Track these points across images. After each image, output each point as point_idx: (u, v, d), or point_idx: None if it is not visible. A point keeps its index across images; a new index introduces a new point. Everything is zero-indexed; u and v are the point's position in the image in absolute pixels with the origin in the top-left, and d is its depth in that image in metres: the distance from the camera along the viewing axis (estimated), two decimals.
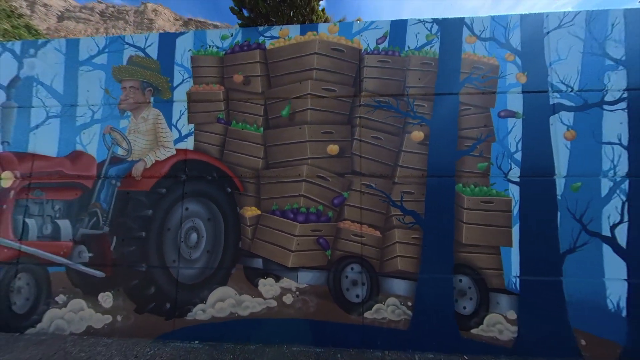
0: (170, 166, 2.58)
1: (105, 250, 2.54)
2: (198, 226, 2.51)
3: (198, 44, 2.70)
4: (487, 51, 2.45)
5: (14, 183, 2.70)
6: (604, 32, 2.38)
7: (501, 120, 2.38)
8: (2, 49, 2.92)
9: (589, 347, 2.13)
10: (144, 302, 2.44)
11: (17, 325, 2.52)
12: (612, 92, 2.32)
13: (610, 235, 2.20)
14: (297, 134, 2.51)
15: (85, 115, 2.74)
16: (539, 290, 2.19)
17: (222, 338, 2.33)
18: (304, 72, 2.54)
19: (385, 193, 2.39)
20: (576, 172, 2.28)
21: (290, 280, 2.38)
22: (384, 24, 2.55)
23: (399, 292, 2.30)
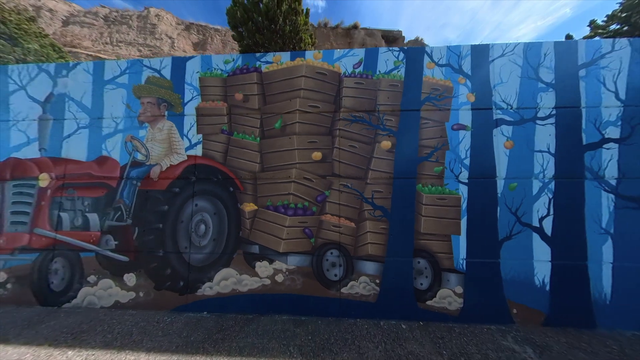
0: (182, 169, 3.10)
1: (128, 239, 3.07)
2: (206, 219, 3.04)
3: (205, 66, 3.22)
4: (444, 75, 2.98)
5: (50, 183, 3.23)
6: (537, 60, 2.91)
7: (454, 132, 2.91)
8: (38, 70, 3.44)
9: (519, 314, 2.66)
10: (162, 281, 2.97)
11: (55, 301, 3.05)
12: (543, 109, 2.85)
13: (538, 226, 2.74)
14: (288, 143, 3.04)
15: (109, 126, 3.27)
16: (481, 269, 2.73)
17: (226, 309, 2.86)
18: (294, 92, 3.07)
19: (359, 192, 2.92)
20: (513, 175, 2.81)
21: (281, 262, 2.91)
22: (360, 52, 3.08)
23: (369, 272, 2.83)
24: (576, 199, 2.73)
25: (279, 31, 2.85)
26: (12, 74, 3.44)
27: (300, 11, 3.11)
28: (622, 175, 2.72)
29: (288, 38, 2.99)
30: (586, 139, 2.79)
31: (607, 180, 2.73)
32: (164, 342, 2.34)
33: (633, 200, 2.68)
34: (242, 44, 3.26)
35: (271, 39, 2.96)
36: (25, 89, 3.41)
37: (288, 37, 2.97)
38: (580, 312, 2.61)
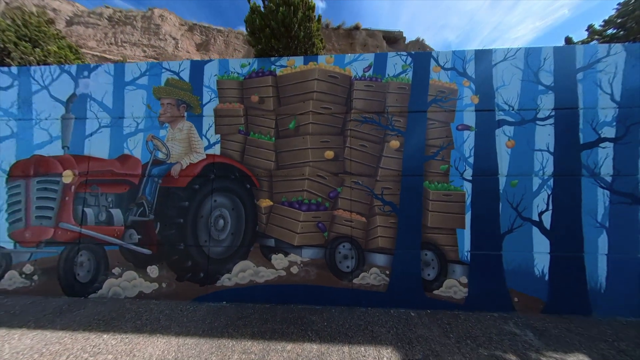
0: (201, 167, 3.27)
1: (151, 233, 3.23)
2: (224, 214, 3.21)
3: (222, 70, 3.38)
4: (449, 78, 3.15)
5: (74, 179, 3.39)
6: (537, 64, 3.09)
7: (459, 132, 3.08)
8: (60, 71, 3.59)
9: (520, 302, 2.85)
10: (183, 273, 3.14)
11: (82, 291, 3.21)
12: (543, 110, 3.04)
13: (538, 220, 2.92)
14: (301, 143, 3.21)
15: (130, 125, 3.43)
16: (484, 261, 2.91)
17: (244, 299, 3.03)
18: (307, 94, 3.24)
19: (370, 188, 3.10)
20: (514, 172, 2.99)
21: (296, 255, 3.08)
22: (370, 57, 3.25)
23: (380, 264, 3.00)
24: (573, 195, 2.91)
25: (294, 37, 3.02)
26: (34, 75, 3.59)
27: (313, 17, 3.28)
28: (617, 173, 2.90)
29: (302, 43, 3.16)
30: (583, 138, 2.97)
31: (602, 177, 2.91)
32: (190, 327, 2.51)
33: (627, 196, 2.87)
34: (257, 49, 3.42)
35: (286, 44, 3.13)
36: (48, 89, 3.56)
37: (302, 42, 3.13)
38: (577, 300, 2.80)
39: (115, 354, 2.11)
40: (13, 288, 3.27)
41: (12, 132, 3.53)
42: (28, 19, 3.95)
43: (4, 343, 2.26)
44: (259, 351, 2.14)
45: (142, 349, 2.17)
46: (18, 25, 3.83)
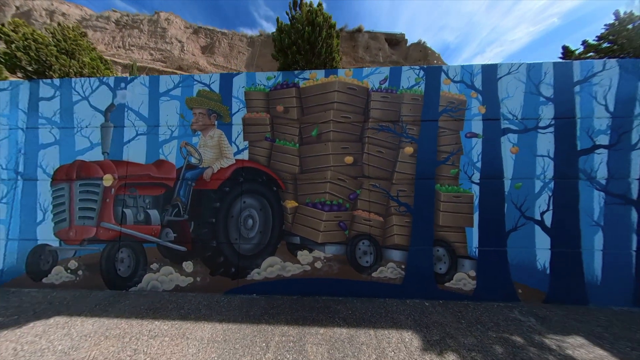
0: (231, 171, 3.57)
1: (185, 231, 3.54)
2: (253, 214, 3.51)
3: (249, 82, 3.69)
4: (458, 90, 3.46)
5: (114, 183, 3.69)
6: (539, 77, 3.39)
7: (467, 140, 3.39)
8: (99, 83, 3.90)
9: (524, 293, 3.15)
10: (216, 268, 3.44)
11: (122, 285, 3.51)
12: (543, 120, 3.34)
13: (540, 219, 3.22)
14: (323, 149, 3.51)
15: (165, 133, 3.73)
16: (490, 256, 3.21)
17: (272, 292, 3.34)
18: (328, 104, 3.55)
19: (386, 190, 3.40)
20: (518, 176, 3.30)
21: (319, 251, 3.39)
22: (385, 70, 3.56)
23: (396, 259, 3.31)
24: (572, 196, 3.21)
25: (317, 53, 3.32)
26: (75, 86, 3.90)
27: (334, 35, 3.59)
28: (611, 176, 3.21)
29: (323, 58, 3.46)
30: (580, 145, 3.27)
31: (598, 180, 3.22)
32: (229, 315, 2.81)
33: (620, 197, 3.17)
34: (281, 62, 3.73)
35: (309, 58, 3.43)
36: (88, 99, 3.87)
37: (324, 57, 3.44)
38: (575, 291, 3.10)
39: (171, 336, 2.41)
40: (60, 282, 3.58)
41: (55, 139, 3.84)
42: (67, 34, 4.26)
43: (70, 328, 2.56)
44: (296, 334, 2.44)
45: (193, 332, 2.48)
46: (58, 39, 4.14)
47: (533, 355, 2.16)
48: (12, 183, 3.81)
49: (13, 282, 3.63)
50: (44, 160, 3.81)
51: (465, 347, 2.26)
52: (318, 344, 2.30)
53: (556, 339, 2.39)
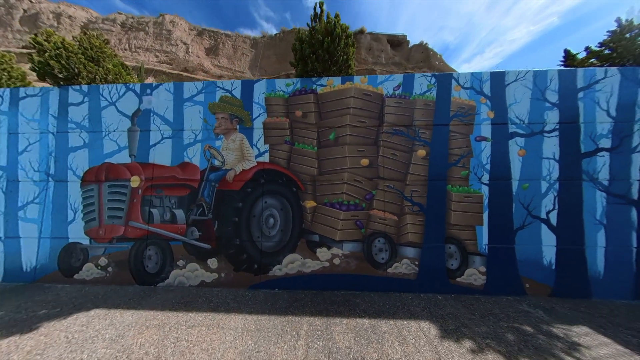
0: (253, 173, 3.77)
1: (210, 230, 3.74)
2: (274, 214, 3.71)
3: (269, 88, 3.89)
4: (468, 96, 3.65)
5: (141, 184, 3.90)
6: (544, 84, 3.59)
7: (477, 143, 3.59)
8: (126, 89, 4.10)
9: (531, 288, 3.35)
10: (239, 264, 3.64)
11: (150, 281, 3.71)
12: (549, 124, 3.54)
13: (546, 218, 3.42)
14: (340, 152, 3.71)
15: (189, 137, 3.94)
16: (499, 253, 3.41)
17: (293, 287, 3.53)
18: (344, 110, 3.75)
19: (400, 191, 3.60)
20: (525, 177, 3.50)
21: (337, 249, 3.58)
22: (399, 77, 3.76)
23: (410, 255, 3.51)
24: (576, 197, 3.41)
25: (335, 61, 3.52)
26: (103, 92, 4.10)
27: (350, 44, 3.79)
28: (613, 178, 3.40)
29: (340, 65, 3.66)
30: (584, 148, 3.47)
31: (600, 182, 3.41)
32: (256, 308, 3.01)
33: (621, 198, 3.37)
34: (298, 69, 3.93)
35: (327, 67, 3.63)
36: (115, 105, 4.07)
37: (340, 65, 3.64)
38: (579, 286, 3.30)
39: (207, 326, 2.61)
40: (90, 278, 3.78)
41: (84, 143, 4.04)
42: (93, 42, 4.46)
43: (112, 319, 2.76)
44: (322, 324, 2.64)
45: (227, 323, 2.68)
46: (85, 47, 4.34)
47: (542, 342, 2.36)
48: (43, 184, 4.01)
49: (46, 278, 3.84)
50: (74, 162, 4.01)
51: (479, 335, 2.45)
52: (344, 332, 2.50)
53: (563, 328, 2.59)
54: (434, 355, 2.17)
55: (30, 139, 4.11)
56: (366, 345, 2.29)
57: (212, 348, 2.26)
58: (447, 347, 2.27)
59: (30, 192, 4.02)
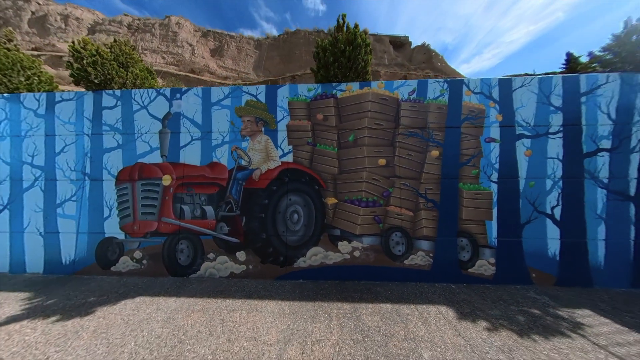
0: (278, 172, 4.05)
1: (238, 225, 4.02)
2: (298, 210, 3.99)
3: (292, 93, 4.16)
4: (478, 100, 3.93)
5: (172, 182, 4.17)
6: (549, 89, 3.86)
7: (486, 144, 3.86)
8: (157, 93, 4.37)
9: (537, 278, 3.63)
10: (266, 257, 3.92)
11: (183, 273, 3.99)
12: (553, 126, 3.81)
13: (550, 213, 3.70)
14: (359, 152, 3.99)
15: (217, 138, 4.21)
16: (508, 245, 3.69)
17: (317, 277, 3.82)
18: (363, 113, 4.02)
19: (415, 189, 3.88)
20: (531, 176, 3.77)
21: (357, 242, 3.87)
22: (413, 83, 4.03)
23: (425, 248, 3.79)
24: (578, 193, 3.69)
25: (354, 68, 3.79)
26: (135, 97, 4.37)
27: (369, 52, 4.06)
28: (612, 176, 3.68)
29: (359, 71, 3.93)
30: (585, 149, 3.75)
31: (601, 179, 3.69)
32: (286, 295, 3.29)
33: (619, 194, 3.65)
34: (319, 75, 4.21)
35: (347, 73, 3.91)
36: (147, 108, 4.34)
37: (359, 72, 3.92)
38: (581, 275, 3.59)
39: (246, 310, 2.90)
40: (126, 270, 4.06)
41: (117, 144, 4.32)
42: (124, 49, 4.73)
43: (158, 305, 3.04)
44: (350, 308, 2.93)
45: (263, 307, 2.96)
46: (117, 54, 4.62)
47: (550, 322, 2.64)
48: (80, 183, 4.29)
49: (84, 270, 4.12)
50: (108, 162, 4.29)
51: (492, 317, 2.74)
52: (370, 315, 2.79)
53: (567, 311, 2.88)
54: (454, 332, 2.45)
55: (66, 140, 4.38)
56: (393, 325, 2.58)
57: (256, 327, 2.54)
58: (465, 326, 2.55)
59: (68, 190, 4.30)
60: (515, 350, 2.20)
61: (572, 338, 2.37)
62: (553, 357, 2.11)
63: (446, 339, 2.34)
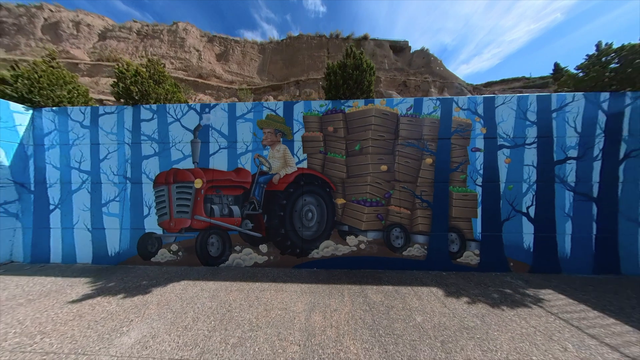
0: (294, 177, 4.72)
1: (260, 222, 4.69)
2: (312, 209, 4.66)
3: (306, 108, 4.84)
4: (465, 116, 4.61)
5: (203, 185, 4.84)
6: (526, 106, 4.54)
7: (472, 153, 4.54)
8: (188, 108, 5.04)
9: (514, 266, 4.31)
10: (284, 249, 4.60)
11: (213, 263, 4.66)
12: (529, 138, 4.49)
13: (526, 212, 4.38)
14: (364, 160, 4.66)
15: (241, 147, 4.88)
16: (490, 239, 4.37)
17: (328, 267, 4.49)
18: (367, 126, 4.69)
19: (412, 191, 4.56)
20: (510, 180, 4.45)
21: (363, 236, 4.54)
22: (410, 100, 4.71)
23: (420, 241, 4.47)
24: (549, 195, 4.37)
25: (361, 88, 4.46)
26: (169, 111, 5.04)
27: (373, 74, 4.73)
28: (578, 180, 4.37)
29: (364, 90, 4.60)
30: (556, 157, 4.43)
31: (569, 183, 4.37)
32: (304, 279, 3.96)
33: (584, 196, 4.33)
34: (330, 94, 4.89)
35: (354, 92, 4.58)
36: (180, 121, 5.01)
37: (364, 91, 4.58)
38: (551, 264, 4.27)
39: (275, 290, 3.57)
40: (164, 261, 4.73)
41: (154, 152, 4.98)
42: (156, 67, 5.40)
43: (200, 287, 3.71)
44: (358, 289, 3.60)
45: (287, 288, 3.63)
46: (152, 73, 5.28)
47: (518, 298, 3.32)
48: (122, 186, 4.96)
49: (128, 261, 4.79)
50: (147, 168, 4.95)
51: (473, 294, 3.42)
52: (375, 293, 3.46)
53: (533, 291, 3.56)
54: (441, 304, 3.13)
55: (109, 148, 5.05)
56: (393, 300, 3.25)
57: (285, 302, 3.22)
58: (450, 301, 3.23)
59: (112, 192, 4.96)
60: (487, 316, 2.88)
61: (532, 308, 3.05)
62: (514, 319, 2.79)
63: (434, 309, 3.02)
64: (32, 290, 3.57)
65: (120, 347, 2.32)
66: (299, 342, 2.39)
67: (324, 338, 2.45)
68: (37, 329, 2.61)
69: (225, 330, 2.58)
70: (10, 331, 2.57)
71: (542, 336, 2.49)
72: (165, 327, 2.66)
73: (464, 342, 2.38)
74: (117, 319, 2.80)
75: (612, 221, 4.30)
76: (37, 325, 2.69)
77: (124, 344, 2.37)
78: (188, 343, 2.38)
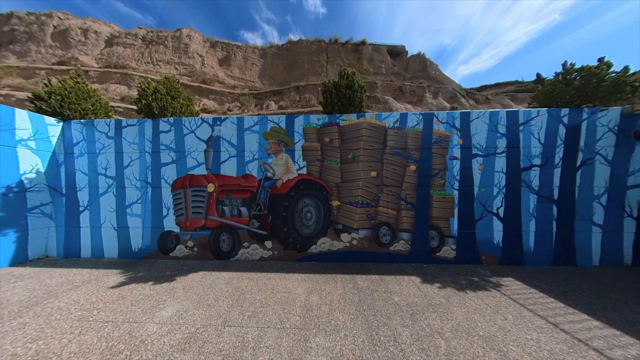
0: (295, 182, 5.39)
1: (266, 221, 5.36)
2: (310, 210, 5.34)
3: (306, 121, 5.51)
4: (445, 128, 5.28)
5: (215, 189, 5.51)
6: (497, 120, 5.22)
7: (451, 161, 5.21)
8: (202, 121, 5.71)
9: (485, 259, 4.99)
10: (287, 245, 5.27)
11: (225, 257, 5.34)
12: (499, 148, 5.16)
13: (496, 212, 5.06)
14: (356, 167, 5.34)
15: (249, 156, 5.55)
16: (465, 236, 5.05)
17: (325, 260, 5.16)
18: (359, 137, 5.37)
19: (398, 194, 5.23)
20: (483, 184, 5.13)
21: (355, 234, 5.22)
22: (397, 114, 5.38)
23: (405, 238, 5.14)
24: (516, 198, 5.05)
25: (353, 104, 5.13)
26: (185, 123, 5.71)
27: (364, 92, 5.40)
28: (541, 185, 5.04)
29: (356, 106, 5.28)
30: (522, 164, 5.10)
31: (533, 187, 5.05)
32: (304, 271, 4.64)
33: (546, 198, 5.01)
34: (327, 109, 5.57)
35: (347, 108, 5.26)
36: (194, 132, 5.68)
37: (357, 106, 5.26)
38: (517, 257, 4.95)
39: (279, 278, 4.24)
40: (182, 255, 5.41)
41: (172, 160, 5.66)
42: (173, 84, 6.07)
43: (216, 276, 4.38)
44: (349, 278, 4.27)
45: (290, 277, 4.30)
46: (169, 89, 5.96)
47: (481, 284, 4.00)
48: (143, 189, 5.63)
49: (149, 256, 5.46)
50: (165, 174, 5.63)
51: (445, 281, 4.09)
52: (363, 280, 4.13)
53: (496, 278, 4.23)
54: (417, 289, 3.81)
55: (132, 156, 5.72)
56: (377, 285, 3.93)
57: (288, 287, 3.89)
58: (425, 286, 3.91)
59: (134, 195, 5.64)
60: (452, 296, 3.55)
61: (490, 291, 3.73)
62: (473, 299, 3.47)
63: (410, 292, 3.70)
64: (75, 279, 4.25)
65: (161, 318, 3.00)
66: (300, 314, 3.06)
67: (319, 312, 3.12)
68: (91, 306, 3.28)
69: (241, 307, 3.25)
70: (72, 307, 3.25)
71: (491, 310, 3.17)
72: (193, 304, 3.33)
73: (428, 314, 3.05)
74: (153, 299, 3.48)
75: (569, 220, 4.98)
76: (90, 303, 3.36)
77: (164, 316, 3.04)
78: (213, 315, 3.06)
